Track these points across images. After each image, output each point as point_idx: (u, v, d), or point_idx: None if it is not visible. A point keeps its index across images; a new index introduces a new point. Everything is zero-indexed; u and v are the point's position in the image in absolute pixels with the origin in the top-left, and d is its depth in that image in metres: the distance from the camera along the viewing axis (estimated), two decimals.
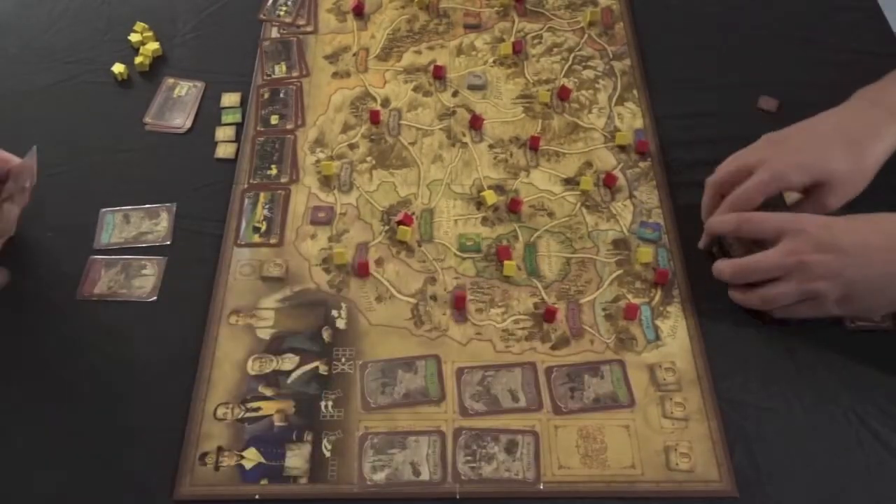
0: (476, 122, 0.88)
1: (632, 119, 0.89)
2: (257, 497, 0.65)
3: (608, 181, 0.83)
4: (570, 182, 0.84)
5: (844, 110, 0.76)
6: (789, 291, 0.69)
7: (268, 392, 0.70)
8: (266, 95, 0.92)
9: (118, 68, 0.92)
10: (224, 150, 0.87)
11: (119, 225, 0.80)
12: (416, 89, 0.92)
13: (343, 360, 0.72)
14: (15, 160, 0.76)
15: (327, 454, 0.66)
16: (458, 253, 0.79)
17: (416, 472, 0.66)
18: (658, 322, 0.74)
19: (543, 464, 0.66)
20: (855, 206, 0.73)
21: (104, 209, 0.81)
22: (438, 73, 0.92)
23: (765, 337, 0.73)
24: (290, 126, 0.89)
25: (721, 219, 0.73)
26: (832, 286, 0.67)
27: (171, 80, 0.93)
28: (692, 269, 0.77)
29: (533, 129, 0.88)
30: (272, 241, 0.80)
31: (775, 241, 0.69)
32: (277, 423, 0.68)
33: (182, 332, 0.73)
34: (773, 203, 0.74)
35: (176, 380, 0.70)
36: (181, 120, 0.89)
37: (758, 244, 0.72)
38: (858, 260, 0.66)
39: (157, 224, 0.80)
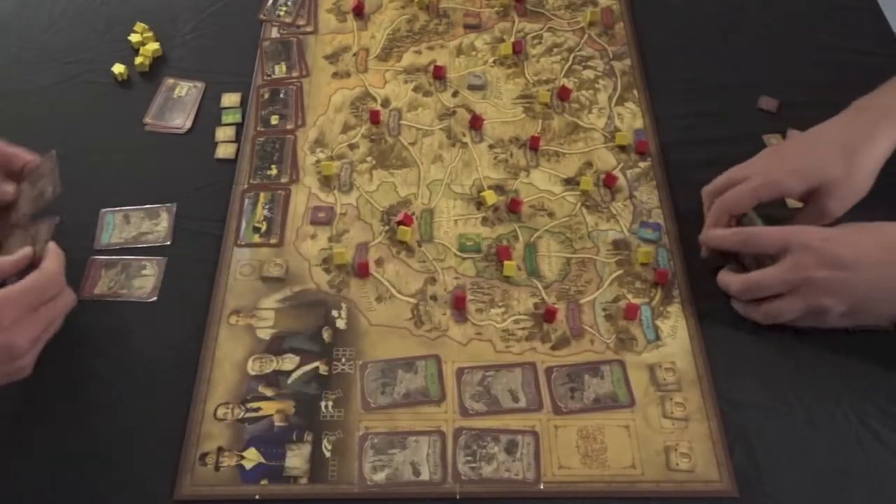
0: (476, 122, 0.88)
1: (632, 119, 0.89)
2: (257, 497, 0.65)
3: (608, 181, 0.83)
4: (570, 182, 0.84)
5: (838, 120, 0.76)
6: (795, 307, 0.69)
7: (268, 392, 0.70)
8: (266, 95, 0.92)
9: (118, 68, 0.92)
10: (224, 151, 0.87)
11: (119, 225, 0.80)
12: (416, 89, 0.92)
13: (343, 360, 0.72)
14: (27, 156, 0.76)
15: (327, 454, 0.66)
16: (458, 253, 0.79)
17: (417, 473, 0.66)
18: (658, 322, 0.74)
19: (544, 464, 0.66)
20: (855, 207, 0.73)
21: (104, 209, 0.81)
22: (438, 74, 0.92)
23: (765, 337, 0.72)
24: (290, 126, 0.89)
25: (722, 234, 0.73)
26: (837, 301, 0.67)
27: (171, 81, 0.93)
28: (692, 269, 0.77)
29: (533, 129, 0.88)
30: (272, 241, 0.80)
31: (780, 256, 0.69)
32: (277, 424, 0.68)
33: (182, 332, 0.73)
34: (776, 215, 0.74)
35: (176, 380, 0.70)
36: (181, 120, 0.89)
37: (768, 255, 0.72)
38: (862, 275, 0.67)
39: (157, 224, 0.80)
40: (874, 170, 0.73)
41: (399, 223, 0.80)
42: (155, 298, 0.75)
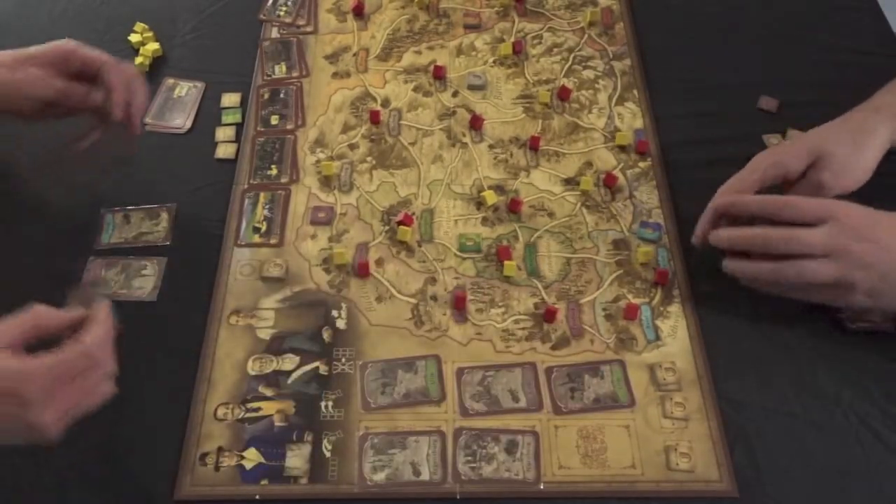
0: (476, 123, 0.88)
1: (632, 119, 0.89)
2: (257, 497, 0.65)
3: (608, 181, 0.83)
4: (570, 182, 0.84)
5: (835, 120, 0.77)
6: (827, 272, 0.67)
7: (268, 392, 0.70)
8: (266, 95, 0.92)
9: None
10: (224, 151, 0.87)
11: (119, 225, 0.80)
12: (416, 89, 0.92)
13: (343, 360, 0.72)
14: (103, 57, 0.76)
15: (327, 454, 0.66)
16: (458, 253, 0.79)
17: (417, 473, 0.66)
18: (658, 322, 0.74)
19: (544, 464, 0.66)
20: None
21: (104, 209, 0.81)
22: (438, 74, 0.92)
23: (765, 337, 0.73)
24: (290, 126, 0.89)
25: (761, 199, 0.72)
26: (867, 276, 0.67)
27: (171, 81, 0.93)
28: (692, 269, 0.77)
29: (533, 129, 0.88)
30: (272, 241, 0.80)
31: (817, 225, 0.69)
32: (278, 424, 0.68)
33: (182, 332, 0.73)
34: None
35: (176, 380, 0.70)
36: (181, 120, 0.89)
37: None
38: (895, 256, 0.66)
39: (157, 224, 0.80)
40: (872, 158, 0.74)
41: (399, 223, 0.80)
42: (155, 298, 0.75)
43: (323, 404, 0.69)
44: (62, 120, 0.78)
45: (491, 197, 0.82)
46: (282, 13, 1.00)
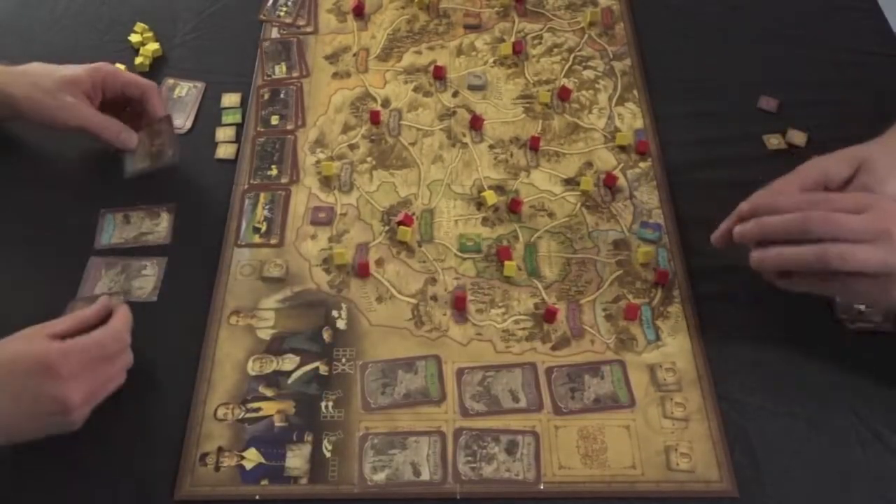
0: (476, 123, 0.88)
1: (632, 119, 0.89)
2: (258, 497, 0.65)
3: (608, 181, 0.83)
4: (570, 182, 0.84)
5: (883, 135, 0.75)
6: (871, 258, 0.64)
7: (268, 392, 0.70)
8: (266, 96, 0.92)
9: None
10: (224, 151, 0.87)
11: (119, 225, 0.80)
12: (416, 90, 0.92)
13: (343, 360, 0.72)
14: (142, 81, 0.83)
15: (328, 454, 0.66)
16: (458, 253, 0.79)
17: (417, 473, 0.66)
18: (658, 322, 0.74)
19: (544, 464, 0.66)
20: None
21: (104, 209, 0.81)
22: (438, 74, 0.92)
23: (765, 337, 0.73)
24: (290, 126, 0.89)
25: (794, 199, 0.69)
26: None
27: (171, 81, 0.93)
28: (692, 269, 0.77)
29: (533, 129, 0.88)
30: (272, 241, 0.80)
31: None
32: (278, 424, 0.68)
33: (182, 332, 0.73)
34: None
35: (176, 380, 0.70)
36: (181, 120, 0.89)
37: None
38: None
39: (157, 224, 0.80)
40: None
41: (399, 223, 0.80)
42: (155, 299, 0.75)
43: (323, 404, 0.69)
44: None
45: (491, 197, 0.82)
46: (282, 13, 1.00)
